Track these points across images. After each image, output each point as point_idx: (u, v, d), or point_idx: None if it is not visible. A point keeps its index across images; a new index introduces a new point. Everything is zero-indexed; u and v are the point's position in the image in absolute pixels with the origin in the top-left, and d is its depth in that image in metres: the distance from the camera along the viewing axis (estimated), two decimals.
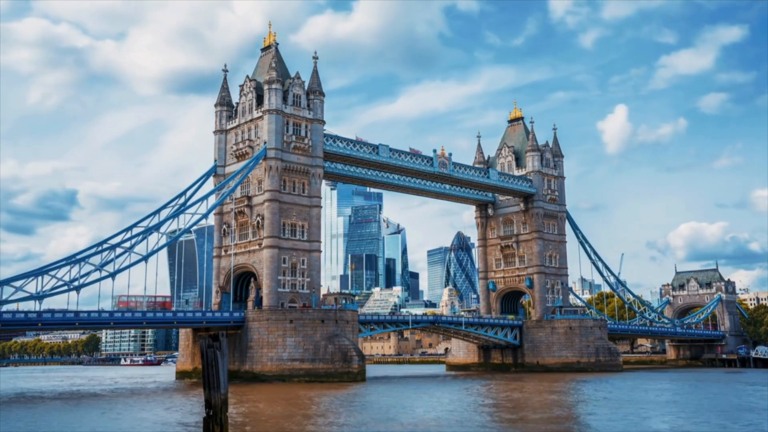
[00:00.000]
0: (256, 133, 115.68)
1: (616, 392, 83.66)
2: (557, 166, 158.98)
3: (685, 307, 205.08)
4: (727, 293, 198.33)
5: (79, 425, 53.94)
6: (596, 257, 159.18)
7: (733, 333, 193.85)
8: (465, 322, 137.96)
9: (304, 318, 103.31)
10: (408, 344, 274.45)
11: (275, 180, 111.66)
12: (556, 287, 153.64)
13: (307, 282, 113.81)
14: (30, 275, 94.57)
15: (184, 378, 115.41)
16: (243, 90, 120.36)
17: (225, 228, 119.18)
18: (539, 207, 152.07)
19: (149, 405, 71.11)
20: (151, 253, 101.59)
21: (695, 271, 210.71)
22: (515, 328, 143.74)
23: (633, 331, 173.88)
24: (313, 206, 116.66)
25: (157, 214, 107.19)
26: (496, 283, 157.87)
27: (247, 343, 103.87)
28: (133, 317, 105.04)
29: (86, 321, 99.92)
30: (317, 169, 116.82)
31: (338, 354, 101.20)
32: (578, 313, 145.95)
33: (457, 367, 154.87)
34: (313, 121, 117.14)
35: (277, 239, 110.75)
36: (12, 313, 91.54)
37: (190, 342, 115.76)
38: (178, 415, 59.65)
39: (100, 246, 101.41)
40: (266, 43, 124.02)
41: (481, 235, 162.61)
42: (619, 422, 53.17)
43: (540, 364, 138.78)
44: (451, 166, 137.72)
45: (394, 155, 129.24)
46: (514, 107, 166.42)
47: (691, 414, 59.77)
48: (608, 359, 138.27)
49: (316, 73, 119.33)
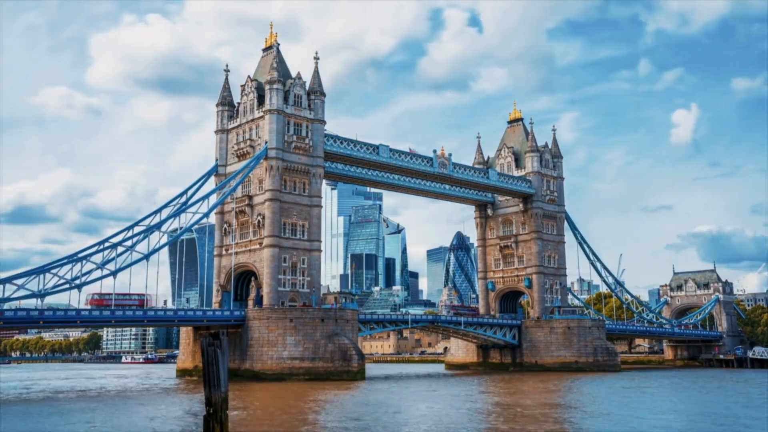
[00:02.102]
0: (257, 132, 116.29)
1: (614, 392, 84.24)
2: (556, 167, 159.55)
3: (682, 308, 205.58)
4: (725, 294, 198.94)
5: (79, 423, 54.13)
6: (595, 258, 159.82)
7: (731, 333, 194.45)
8: (464, 321, 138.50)
9: (304, 317, 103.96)
10: (407, 343, 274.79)
11: (276, 179, 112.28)
12: (555, 287, 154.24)
13: (307, 281, 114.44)
14: (32, 273, 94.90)
15: (184, 376, 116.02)
16: (244, 90, 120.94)
17: (226, 227, 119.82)
18: (538, 207, 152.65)
19: (150, 403, 71.47)
20: (153, 251, 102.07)
21: (693, 272, 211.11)
22: (514, 328, 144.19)
23: (631, 331, 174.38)
24: (314, 206, 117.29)
25: (159, 212, 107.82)
26: (495, 283, 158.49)
27: (248, 341, 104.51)
28: (134, 316, 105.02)
29: (87, 319, 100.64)
30: (318, 168, 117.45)
31: (338, 353, 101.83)
32: (577, 313, 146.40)
33: (456, 366, 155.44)
34: (314, 121, 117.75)
35: (278, 238, 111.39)
36: (14, 311, 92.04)
37: (191, 340, 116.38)
38: (179, 413, 60.06)
39: (101, 244, 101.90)
40: (267, 43, 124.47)
41: (481, 235, 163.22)
42: (617, 421, 53.81)
43: (538, 364, 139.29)
44: (450, 166, 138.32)
45: (394, 155, 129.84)
46: (514, 108, 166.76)
47: (689, 413, 60.39)
48: (606, 359, 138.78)
49: (317, 73, 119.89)
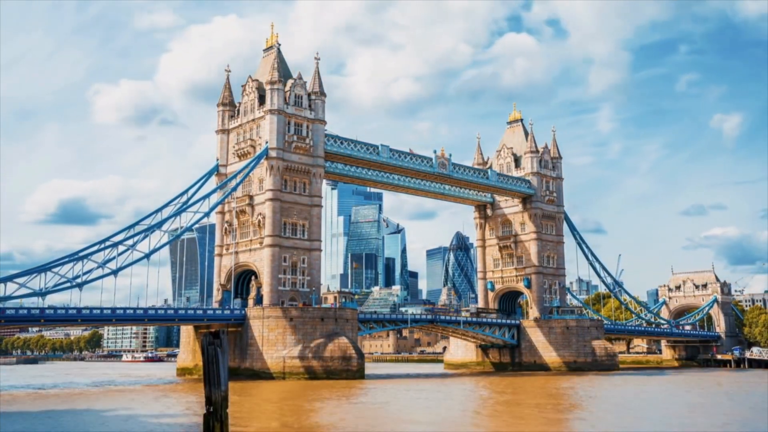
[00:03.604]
0: (258, 132, 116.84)
1: (613, 391, 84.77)
2: (555, 168, 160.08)
3: (681, 308, 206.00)
4: (723, 295, 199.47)
5: (79, 422, 54.40)
6: (593, 258, 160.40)
7: (729, 334, 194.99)
8: (463, 321, 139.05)
9: (304, 316, 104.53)
10: (407, 343, 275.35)
11: (276, 179, 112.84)
12: (554, 287, 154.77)
13: (307, 280, 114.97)
14: (33, 272, 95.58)
15: (184, 374, 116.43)
16: (245, 90, 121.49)
17: (226, 226, 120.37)
18: (537, 208, 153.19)
19: (150, 401, 71.80)
20: (154, 250, 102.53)
21: (691, 273, 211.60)
22: (513, 328, 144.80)
23: (629, 331, 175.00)
24: (314, 205, 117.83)
25: (160, 212, 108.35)
26: (495, 282, 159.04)
27: (248, 340, 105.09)
28: (135, 314, 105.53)
29: (88, 317, 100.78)
30: (318, 168, 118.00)
31: (338, 352, 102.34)
32: (575, 314, 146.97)
33: (456, 366, 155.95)
34: (314, 122, 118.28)
35: (278, 238, 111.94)
36: (15, 309, 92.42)
37: (191, 339, 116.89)
38: (179, 412, 60.40)
39: (102, 243, 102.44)
40: (268, 44, 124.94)
41: (480, 236, 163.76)
42: (614, 421, 54.33)
43: (537, 364, 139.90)
44: (450, 166, 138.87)
45: (394, 155, 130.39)
46: (514, 109, 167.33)
47: (686, 413, 60.91)
48: (605, 359, 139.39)
49: (318, 74, 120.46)
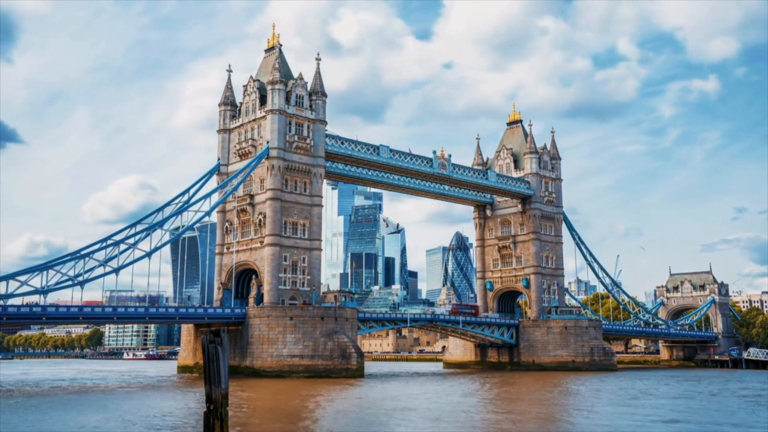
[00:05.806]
0: (259, 132, 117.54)
1: (611, 391, 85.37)
2: (555, 169, 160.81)
3: (678, 309, 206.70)
4: (721, 295, 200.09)
5: (79, 419, 54.39)
6: (592, 258, 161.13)
7: (726, 334, 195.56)
8: (462, 320, 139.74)
9: (304, 315, 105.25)
10: (406, 342, 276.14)
11: (277, 179, 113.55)
12: (553, 288, 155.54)
13: (307, 280, 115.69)
14: (35, 270, 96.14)
15: (185, 372, 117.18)
16: (246, 90, 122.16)
17: (227, 225, 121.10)
18: (537, 208, 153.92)
19: (150, 399, 72.14)
20: (155, 249, 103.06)
21: (689, 273, 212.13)
22: (512, 328, 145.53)
23: (627, 331, 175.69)
24: (314, 205, 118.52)
25: (161, 211, 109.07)
26: (494, 282, 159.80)
27: (248, 339, 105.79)
28: (136, 312, 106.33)
29: (90, 315, 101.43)
30: (318, 168, 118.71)
31: (337, 351, 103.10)
32: (574, 314, 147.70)
33: (454, 365, 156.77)
34: (315, 122, 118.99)
35: (279, 237, 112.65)
36: (17, 307, 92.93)
37: (192, 337, 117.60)
38: (179, 410, 60.64)
39: (104, 242, 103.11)
40: (270, 44, 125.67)
41: (479, 236, 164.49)
42: (612, 420, 54.98)
43: (536, 363, 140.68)
44: (450, 167, 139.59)
45: (395, 156, 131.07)
46: (513, 110, 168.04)
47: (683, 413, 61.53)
48: (603, 359, 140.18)
49: (319, 74, 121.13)
